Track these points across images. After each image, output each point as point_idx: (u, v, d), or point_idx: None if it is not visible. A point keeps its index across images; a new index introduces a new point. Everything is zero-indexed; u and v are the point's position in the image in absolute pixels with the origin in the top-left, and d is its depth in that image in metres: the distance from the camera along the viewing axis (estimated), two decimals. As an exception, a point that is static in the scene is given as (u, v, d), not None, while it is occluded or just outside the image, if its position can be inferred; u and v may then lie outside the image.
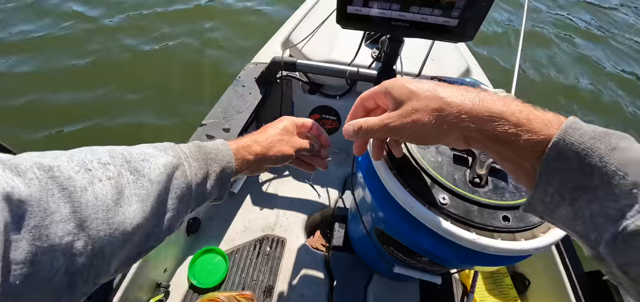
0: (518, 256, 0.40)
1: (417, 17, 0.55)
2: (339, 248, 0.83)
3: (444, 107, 0.28)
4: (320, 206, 0.94)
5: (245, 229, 0.87)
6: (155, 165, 0.29)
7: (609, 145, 0.22)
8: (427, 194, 0.40)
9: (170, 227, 0.31)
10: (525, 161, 0.26)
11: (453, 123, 0.28)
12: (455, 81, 0.56)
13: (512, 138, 0.26)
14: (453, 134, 0.28)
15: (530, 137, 0.25)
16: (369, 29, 0.61)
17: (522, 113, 0.25)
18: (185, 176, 0.31)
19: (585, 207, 0.23)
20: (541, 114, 0.25)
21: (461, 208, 0.39)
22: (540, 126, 0.25)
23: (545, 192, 0.25)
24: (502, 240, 0.38)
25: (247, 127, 0.87)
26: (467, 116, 0.27)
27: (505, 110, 0.26)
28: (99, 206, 0.23)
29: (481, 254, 0.39)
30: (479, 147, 0.29)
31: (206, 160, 0.35)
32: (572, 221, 0.25)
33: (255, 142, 0.42)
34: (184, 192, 0.31)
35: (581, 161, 0.23)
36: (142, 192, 0.27)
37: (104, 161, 0.26)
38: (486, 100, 0.27)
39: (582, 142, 0.23)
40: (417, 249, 0.49)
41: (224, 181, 0.37)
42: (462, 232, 0.37)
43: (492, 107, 0.26)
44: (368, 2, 0.54)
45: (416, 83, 0.30)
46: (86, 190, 0.22)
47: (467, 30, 0.57)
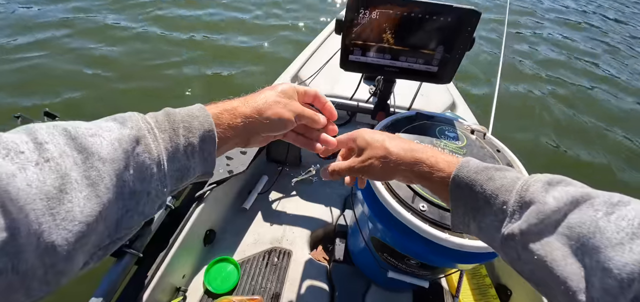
0: (483, 253, 0.50)
1: (404, 64, 0.69)
2: (339, 261, 0.92)
3: (387, 156, 0.38)
4: (323, 222, 1.04)
5: (255, 242, 0.96)
6: (108, 140, 0.24)
7: (487, 177, 0.31)
8: (410, 204, 0.51)
9: (144, 210, 0.27)
10: (443, 192, 0.35)
11: (392, 168, 0.38)
12: (438, 116, 0.69)
13: (429, 176, 0.35)
14: (396, 175, 0.38)
15: (440, 175, 0.34)
16: (366, 72, 0.74)
17: (433, 158, 0.36)
18: (149, 150, 0.27)
19: (483, 222, 0.31)
20: (447, 158, 0.35)
21: (436, 214, 0.50)
22: (445, 166, 0.34)
23: (458, 214, 0.33)
24: (468, 239, 0.48)
25: (260, 151, 0.99)
26: (401, 162, 0.37)
27: (423, 156, 0.36)
28: (34, 194, 0.19)
29: (454, 251, 0.50)
30: (416, 182, 0.39)
31: (175, 129, 0.29)
32: (480, 233, 0.32)
33: (243, 103, 0.35)
34: (152, 170, 0.27)
35: (470, 189, 0.31)
36: (92, 173, 0.23)
37: (40, 140, 0.21)
38: (414, 150, 0.37)
39: (468, 176, 0.32)
40: (405, 251, 0.59)
41: (206, 152, 0.31)
42: (437, 232, 0.48)
43: (416, 154, 0.37)
44: (365, 52, 0.68)
45: (373, 134, 0.41)
46: (15, 176, 0.19)
47: (445, 75, 0.70)
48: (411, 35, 0.63)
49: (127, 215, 0.26)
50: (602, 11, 4.64)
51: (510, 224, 0.28)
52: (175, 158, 0.29)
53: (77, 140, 0.23)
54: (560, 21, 4.00)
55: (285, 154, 1.13)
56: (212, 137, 0.31)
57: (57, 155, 0.21)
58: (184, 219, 0.80)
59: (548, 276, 0.25)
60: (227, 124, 0.33)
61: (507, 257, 0.29)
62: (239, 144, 0.36)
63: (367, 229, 0.70)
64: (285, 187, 1.12)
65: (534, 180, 0.29)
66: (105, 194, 0.23)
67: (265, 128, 0.36)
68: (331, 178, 0.44)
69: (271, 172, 1.16)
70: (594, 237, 0.23)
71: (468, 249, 0.48)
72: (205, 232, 0.91)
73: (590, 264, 0.22)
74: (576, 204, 0.25)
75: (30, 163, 0.20)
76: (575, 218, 0.25)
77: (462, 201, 0.32)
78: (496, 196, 0.29)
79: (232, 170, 0.88)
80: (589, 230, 0.23)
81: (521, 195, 0.28)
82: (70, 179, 0.21)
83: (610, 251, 0.22)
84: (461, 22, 0.60)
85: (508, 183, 0.29)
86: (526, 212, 0.27)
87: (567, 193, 0.26)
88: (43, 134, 0.22)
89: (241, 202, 1.03)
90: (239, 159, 0.92)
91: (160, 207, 0.30)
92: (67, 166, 0.22)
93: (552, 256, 0.24)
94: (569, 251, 0.24)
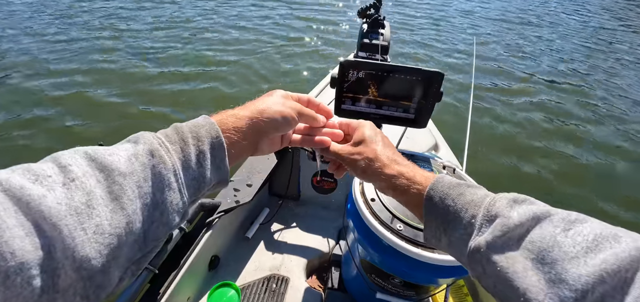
0: (454, 267, 0.59)
1: (387, 112, 0.84)
2: (334, 288, 0.99)
3: (373, 159, 0.39)
4: (319, 252, 1.12)
5: (256, 269, 1.04)
6: (125, 156, 0.26)
7: (458, 192, 0.32)
8: (390, 225, 0.62)
9: (168, 221, 0.28)
10: (417, 205, 0.36)
11: (373, 173, 0.39)
12: (417, 154, 0.82)
13: (407, 189, 0.36)
14: (375, 180, 0.39)
15: (417, 188, 0.36)
16: (356, 118, 0.89)
17: (412, 172, 0.37)
18: (163, 161, 0.28)
19: (453, 236, 0.32)
20: (424, 173, 0.37)
21: (411, 233, 0.61)
22: (422, 180, 0.36)
23: (430, 228, 0.34)
24: (438, 254, 0.58)
25: (265, 184, 1.10)
26: (382, 171, 0.38)
27: (404, 169, 0.38)
28: (65, 210, 0.21)
29: (429, 265, 0.59)
30: (391, 194, 0.39)
31: (184, 140, 0.30)
32: (450, 248, 0.33)
33: (244, 108, 0.37)
34: (169, 179, 0.28)
35: (442, 202, 0.33)
36: (115, 188, 0.24)
37: (64, 163, 0.23)
38: (397, 162, 0.39)
39: (442, 191, 0.33)
40: (389, 269, 0.68)
41: (218, 159, 0.33)
42: (412, 248, 0.59)
43: (398, 168, 0.38)
44: (355, 102, 0.84)
45: (372, 133, 0.41)
46: (45, 197, 0.20)
47: (422, 121, 0.85)
48: (390, 90, 0.79)
49: (153, 226, 0.27)
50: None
51: (477, 237, 0.29)
52: (189, 167, 0.30)
53: (97, 161, 0.25)
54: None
55: (286, 189, 1.25)
56: (221, 143, 0.33)
57: (81, 174, 0.23)
58: (194, 242, 0.89)
59: (509, 288, 0.26)
60: (233, 127, 0.34)
61: (474, 272, 0.30)
62: (248, 149, 0.37)
63: (357, 253, 0.80)
64: (285, 219, 1.22)
65: (501, 197, 0.30)
66: (129, 205, 0.25)
67: (269, 127, 0.37)
68: (321, 151, 0.44)
69: (273, 205, 1.26)
70: (552, 251, 0.24)
71: (438, 263, 0.58)
72: (211, 257, 0.99)
73: (548, 276, 0.23)
74: (537, 221, 0.27)
75: (57, 184, 0.22)
76: (536, 233, 0.26)
77: (434, 215, 0.33)
78: (466, 210, 0.31)
79: (238, 200, 0.99)
80: (548, 244, 0.24)
81: (488, 209, 0.29)
82: (95, 195, 0.23)
83: (566, 264, 0.23)
84: (429, 81, 0.76)
85: (477, 199, 0.31)
86: (492, 225, 0.28)
87: (530, 210, 0.27)
88: (66, 158, 0.24)
89: (244, 232, 1.12)
90: (245, 191, 1.03)
91: (182, 218, 0.31)
92: (92, 183, 0.23)
93: (514, 268, 0.25)
94: (529, 264, 0.25)
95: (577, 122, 3.15)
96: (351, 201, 0.73)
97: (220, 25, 4.79)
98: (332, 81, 0.82)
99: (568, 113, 3.31)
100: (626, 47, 5.64)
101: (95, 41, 3.95)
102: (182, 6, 5.62)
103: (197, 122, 0.33)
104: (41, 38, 3.93)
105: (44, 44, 3.77)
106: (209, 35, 4.41)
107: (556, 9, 8.31)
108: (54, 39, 3.93)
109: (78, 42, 3.90)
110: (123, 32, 4.27)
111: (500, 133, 2.90)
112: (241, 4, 6.02)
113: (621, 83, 4.08)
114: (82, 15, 4.80)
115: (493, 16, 6.87)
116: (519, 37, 5.58)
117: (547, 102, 3.48)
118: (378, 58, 1.06)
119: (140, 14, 5.01)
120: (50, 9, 4.93)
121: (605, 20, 7.57)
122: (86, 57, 3.53)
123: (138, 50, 3.79)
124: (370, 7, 1.55)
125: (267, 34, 4.61)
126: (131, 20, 4.71)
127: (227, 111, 0.36)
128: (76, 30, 4.25)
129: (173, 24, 4.65)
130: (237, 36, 4.45)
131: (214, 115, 0.35)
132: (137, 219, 0.26)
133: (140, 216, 0.26)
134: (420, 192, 0.35)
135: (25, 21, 4.43)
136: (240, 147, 0.35)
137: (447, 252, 0.34)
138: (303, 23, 5.20)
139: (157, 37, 4.21)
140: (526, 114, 3.21)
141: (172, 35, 4.29)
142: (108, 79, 3.16)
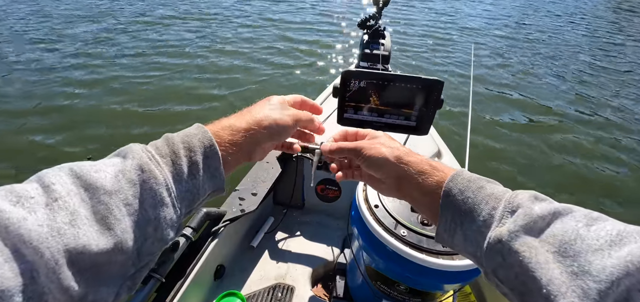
0: (459, 272, 0.60)
1: (389, 120, 0.86)
2: (339, 297, 0.98)
3: (395, 148, 0.39)
4: (324, 260, 1.12)
5: (261, 278, 1.04)
6: (112, 173, 0.26)
7: (478, 186, 0.32)
8: (394, 231, 0.63)
9: (162, 236, 0.28)
10: (431, 201, 0.35)
11: (397, 160, 0.37)
12: None
13: (429, 174, 0.36)
14: (395, 170, 0.38)
15: (439, 176, 0.35)
16: (360, 127, 0.91)
17: (435, 162, 0.37)
18: (154, 176, 0.27)
19: (469, 229, 0.31)
20: (445, 167, 0.36)
21: (415, 239, 0.61)
22: (444, 169, 0.36)
23: (445, 221, 0.34)
24: (442, 260, 0.59)
25: (269, 193, 1.12)
26: (404, 158, 0.38)
27: (426, 159, 0.38)
28: (46, 232, 0.20)
29: (434, 271, 0.60)
30: (408, 188, 0.37)
31: (175, 152, 0.30)
32: (465, 243, 0.32)
33: (240, 119, 0.36)
34: (161, 195, 0.28)
35: (461, 194, 0.32)
36: (100, 208, 0.24)
37: (47, 183, 0.23)
38: (419, 155, 0.39)
39: (462, 183, 0.33)
40: (394, 276, 0.69)
41: (212, 168, 0.32)
42: (416, 253, 0.59)
43: (420, 156, 0.39)
44: (357, 111, 0.86)
45: (383, 133, 0.43)
46: (26, 219, 0.20)
47: (423, 128, 0.86)
48: (392, 98, 0.80)
49: (147, 243, 0.27)
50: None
51: (498, 228, 0.29)
52: (182, 179, 0.30)
53: (82, 178, 0.24)
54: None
55: (290, 197, 1.26)
56: (215, 152, 0.32)
57: (64, 193, 0.23)
58: (200, 251, 0.90)
59: (531, 279, 0.25)
60: (228, 141, 0.34)
61: (490, 265, 0.29)
62: (243, 158, 0.37)
63: (362, 260, 0.80)
64: (289, 228, 1.22)
65: (521, 192, 0.30)
66: (116, 225, 0.24)
67: (266, 137, 0.37)
68: (330, 155, 0.46)
69: (277, 213, 1.27)
70: (576, 243, 0.24)
71: (443, 268, 0.58)
72: (216, 266, 1.00)
73: (570, 269, 0.23)
74: (559, 215, 0.27)
75: (39, 206, 0.21)
76: (557, 227, 0.26)
77: (451, 207, 0.33)
78: (486, 202, 0.31)
79: (244, 209, 1.00)
80: (571, 237, 0.24)
81: (510, 202, 0.29)
82: (79, 215, 0.22)
83: (590, 256, 0.23)
84: (429, 89, 0.78)
85: (498, 192, 0.31)
86: (514, 215, 0.28)
87: (552, 206, 0.28)
88: (50, 177, 0.23)
89: (249, 241, 1.13)
90: (250, 200, 1.05)
91: (178, 231, 0.30)
92: (76, 203, 0.23)
93: (537, 259, 0.25)
94: (551, 257, 0.25)
95: (580, 132, 3.15)
96: (355, 207, 0.74)
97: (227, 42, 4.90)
98: (334, 91, 0.84)
99: (570, 120, 3.32)
100: (625, 49, 5.66)
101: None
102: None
103: (189, 131, 0.32)
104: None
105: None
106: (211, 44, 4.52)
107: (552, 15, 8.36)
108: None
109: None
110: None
111: (501, 136, 2.92)
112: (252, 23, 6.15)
113: (622, 89, 4.08)
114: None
115: (493, 25, 6.93)
116: (515, 44, 5.64)
117: (550, 109, 3.49)
118: (379, 67, 1.08)
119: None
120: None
121: (602, 26, 7.62)
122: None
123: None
124: (370, 18, 1.58)
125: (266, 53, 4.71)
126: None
127: (222, 122, 0.36)
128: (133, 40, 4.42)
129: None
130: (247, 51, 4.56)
131: (209, 125, 0.35)
132: (128, 238, 0.25)
133: (132, 234, 0.25)
134: (440, 181, 0.35)
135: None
136: (236, 158, 0.35)
137: (459, 247, 0.33)
138: (303, 41, 5.30)
139: (162, 55, 4.31)
140: (528, 121, 3.23)
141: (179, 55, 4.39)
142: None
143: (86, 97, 3.11)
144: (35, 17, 5.39)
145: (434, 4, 8.69)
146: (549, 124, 3.25)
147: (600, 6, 10.59)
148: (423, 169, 0.36)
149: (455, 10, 8.15)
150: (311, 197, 1.32)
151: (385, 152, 0.39)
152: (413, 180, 0.36)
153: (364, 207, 0.69)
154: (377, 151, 0.39)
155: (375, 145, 0.40)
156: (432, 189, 0.35)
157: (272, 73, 3.92)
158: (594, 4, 10.70)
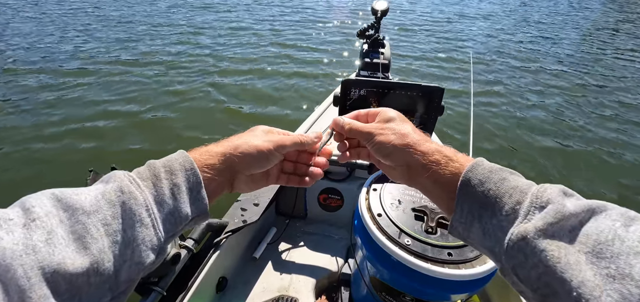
0: (466, 281, 0.58)
1: (390, 127, 0.86)
2: (344, 309, 0.96)
3: (406, 134, 0.36)
4: (328, 271, 1.10)
5: (264, 290, 1.02)
6: (92, 195, 0.26)
7: (500, 177, 0.30)
8: (397, 240, 0.62)
9: (141, 259, 0.28)
10: (447, 189, 0.33)
11: (408, 146, 0.36)
12: None
13: (444, 165, 0.34)
14: (405, 157, 0.36)
15: (455, 166, 0.33)
16: None
17: (451, 151, 0.35)
18: (134, 197, 0.28)
19: (489, 223, 0.29)
20: (462, 157, 0.34)
21: (419, 247, 0.60)
22: (462, 159, 0.34)
23: (461, 213, 0.31)
24: (448, 269, 0.57)
25: (271, 203, 1.11)
26: (415, 145, 0.36)
27: (440, 147, 0.35)
28: (21, 249, 0.21)
29: (439, 280, 0.58)
30: (421, 177, 0.35)
31: (156, 175, 0.31)
32: (483, 237, 0.30)
33: (217, 144, 0.37)
34: (140, 214, 0.28)
35: (482, 185, 0.30)
36: (78, 227, 0.24)
37: (28, 206, 0.23)
38: (433, 142, 0.37)
39: (482, 174, 0.31)
40: (399, 286, 0.67)
41: (194, 191, 0.32)
42: (421, 262, 0.58)
43: (434, 145, 0.36)
44: (358, 119, 0.86)
45: (397, 113, 0.40)
46: (2, 239, 0.21)
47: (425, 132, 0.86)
48: (392, 105, 0.80)
49: (125, 265, 0.27)
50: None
51: (523, 224, 0.27)
52: (163, 202, 0.30)
53: (62, 201, 0.25)
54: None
55: (292, 207, 1.25)
56: (196, 175, 0.32)
57: (43, 214, 0.23)
58: (202, 263, 0.89)
59: (558, 281, 0.23)
60: (205, 164, 0.34)
61: (510, 263, 0.27)
62: (225, 186, 0.36)
63: (366, 271, 0.78)
64: (292, 238, 1.21)
65: (550, 186, 0.28)
66: (93, 244, 0.24)
67: (243, 163, 0.36)
68: (341, 131, 0.43)
69: (279, 224, 1.26)
70: (613, 245, 0.22)
71: (449, 278, 0.57)
72: (218, 279, 0.99)
73: (606, 272, 0.22)
74: (593, 213, 0.25)
75: (17, 226, 0.22)
76: (592, 226, 0.24)
77: (469, 199, 0.31)
78: (510, 195, 0.29)
79: (246, 220, 0.99)
80: (607, 238, 0.23)
81: (537, 196, 0.27)
82: (56, 234, 0.23)
83: (632, 259, 0.21)
84: (430, 96, 0.78)
85: (522, 185, 0.29)
86: (543, 211, 0.26)
87: (585, 202, 0.26)
88: (31, 200, 0.24)
89: (252, 252, 1.12)
90: (252, 210, 1.04)
91: (159, 254, 0.30)
92: (53, 223, 0.23)
93: (567, 259, 0.23)
94: (583, 258, 0.23)
95: (582, 125, 3.18)
96: (358, 216, 0.73)
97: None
98: (335, 100, 0.84)
99: (572, 116, 3.36)
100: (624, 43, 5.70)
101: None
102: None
103: (170, 157, 0.33)
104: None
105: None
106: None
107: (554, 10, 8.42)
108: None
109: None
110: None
111: (501, 139, 2.94)
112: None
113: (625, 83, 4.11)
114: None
115: (492, 29, 6.98)
116: (515, 46, 5.69)
117: (550, 110, 3.51)
118: (379, 76, 1.09)
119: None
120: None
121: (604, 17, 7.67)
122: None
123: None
124: (369, 27, 1.60)
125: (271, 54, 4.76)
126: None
127: (201, 148, 0.36)
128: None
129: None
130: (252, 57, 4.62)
131: (190, 151, 0.35)
132: (105, 258, 0.25)
133: (110, 255, 0.25)
134: (457, 171, 0.32)
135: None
136: (215, 184, 0.35)
137: (475, 242, 0.31)
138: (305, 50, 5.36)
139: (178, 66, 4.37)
140: (529, 120, 3.25)
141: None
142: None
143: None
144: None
145: (432, 12, 8.80)
146: (554, 126, 3.27)
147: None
148: (436, 159, 0.34)
149: (457, 15, 8.23)
150: (314, 207, 1.31)
151: (393, 139, 0.37)
152: (424, 169, 0.35)
153: (366, 216, 0.68)
154: (386, 138, 0.37)
155: (385, 131, 0.38)
156: (447, 180, 0.33)
157: (272, 83, 3.96)
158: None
